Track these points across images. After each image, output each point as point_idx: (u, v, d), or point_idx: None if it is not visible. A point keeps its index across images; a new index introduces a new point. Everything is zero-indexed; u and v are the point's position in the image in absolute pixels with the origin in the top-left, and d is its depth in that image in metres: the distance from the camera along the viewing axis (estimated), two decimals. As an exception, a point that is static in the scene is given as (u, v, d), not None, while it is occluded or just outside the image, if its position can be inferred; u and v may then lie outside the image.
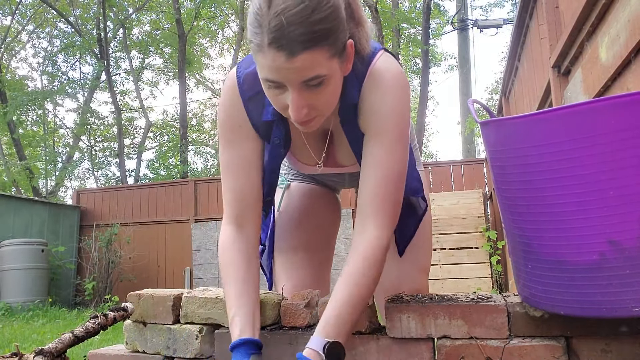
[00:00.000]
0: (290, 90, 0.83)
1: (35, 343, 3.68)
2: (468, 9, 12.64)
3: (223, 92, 1.04)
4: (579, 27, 1.78)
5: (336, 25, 0.82)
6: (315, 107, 0.87)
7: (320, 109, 0.88)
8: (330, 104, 0.90)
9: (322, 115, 0.91)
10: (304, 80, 0.82)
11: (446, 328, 0.92)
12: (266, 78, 0.84)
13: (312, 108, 0.86)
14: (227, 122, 1.03)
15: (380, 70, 0.96)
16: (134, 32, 15.15)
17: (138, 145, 15.36)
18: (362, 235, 0.94)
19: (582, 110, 0.69)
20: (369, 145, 0.96)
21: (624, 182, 0.68)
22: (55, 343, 0.94)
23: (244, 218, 1.04)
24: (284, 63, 0.79)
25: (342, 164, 1.15)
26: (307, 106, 0.85)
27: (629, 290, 0.71)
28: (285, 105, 0.86)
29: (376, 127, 0.95)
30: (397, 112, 0.95)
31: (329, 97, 0.88)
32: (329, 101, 0.89)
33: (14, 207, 6.93)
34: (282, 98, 0.86)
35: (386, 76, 0.95)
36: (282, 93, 0.85)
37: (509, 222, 0.86)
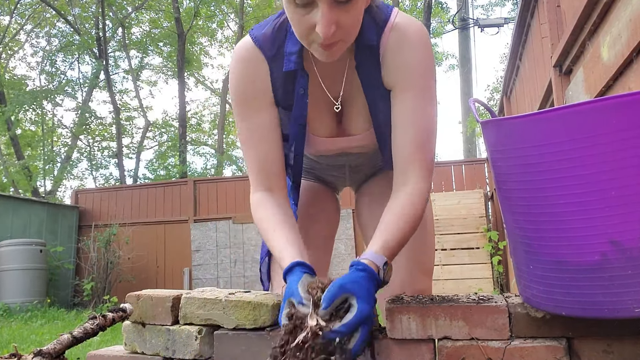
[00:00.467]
0: (320, 6, 0.83)
1: (33, 344, 3.67)
2: (469, 8, 12.65)
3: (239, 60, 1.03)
4: (581, 26, 1.78)
5: None
6: (342, 27, 0.87)
7: (346, 30, 0.88)
8: (355, 27, 0.91)
9: (345, 41, 0.91)
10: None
11: (447, 329, 0.92)
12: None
13: (339, 27, 0.86)
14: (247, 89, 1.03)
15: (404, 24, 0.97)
16: (133, 31, 15.16)
17: (137, 145, 15.36)
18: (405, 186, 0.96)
19: (583, 110, 0.69)
20: (401, 99, 0.97)
21: (625, 182, 0.68)
22: (53, 344, 0.93)
23: (272, 185, 1.05)
24: None
25: (353, 132, 1.14)
26: (336, 24, 0.85)
27: (630, 290, 0.70)
28: (312, 25, 0.86)
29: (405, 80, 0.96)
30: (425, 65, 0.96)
31: (356, 17, 0.89)
32: (355, 22, 0.90)
33: (13, 207, 6.93)
34: (309, 18, 0.86)
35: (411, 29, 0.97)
36: (309, 12, 0.85)
37: (510, 222, 0.85)
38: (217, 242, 6.95)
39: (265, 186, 1.05)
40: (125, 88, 16.40)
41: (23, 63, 22.19)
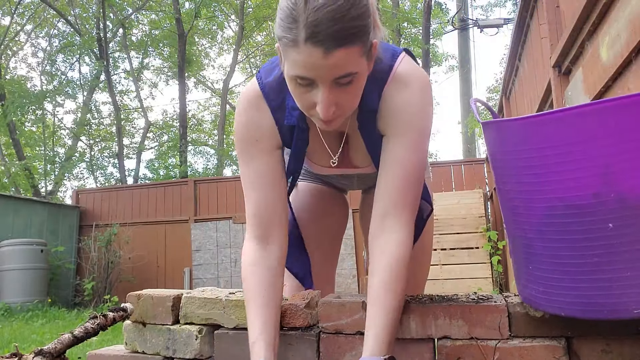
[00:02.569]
0: (320, 88, 0.84)
1: (34, 343, 3.67)
2: (468, 9, 12.64)
3: (246, 104, 1.03)
4: (580, 26, 1.78)
5: (369, 23, 0.83)
6: (342, 105, 0.87)
7: (346, 107, 0.89)
8: (355, 102, 0.91)
9: (344, 115, 0.91)
10: (336, 78, 0.82)
11: (446, 328, 0.92)
12: (298, 75, 0.83)
13: (339, 106, 0.87)
14: (252, 133, 1.02)
15: (406, 72, 0.97)
16: (134, 32, 15.16)
17: (137, 145, 15.36)
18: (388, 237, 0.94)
19: (583, 112, 0.69)
20: (391, 144, 0.97)
21: (625, 183, 0.68)
22: (54, 343, 0.93)
23: (269, 234, 1.02)
24: (320, 59, 0.79)
25: (356, 165, 1.15)
26: (336, 104, 0.86)
27: (629, 292, 0.70)
28: (312, 103, 0.87)
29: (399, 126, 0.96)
30: (422, 112, 0.96)
31: (355, 95, 0.89)
32: (354, 100, 0.90)
33: (13, 207, 6.93)
34: (309, 96, 0.86)
35: (411, 78, 0.96)
36: (310, 91, 0.85)
37: (510, 222, 0.85)
38: (217, 242, 6.95)
39: (261, 236, 1.02)
40: (126, 89, 16.36)
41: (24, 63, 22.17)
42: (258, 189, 1.02)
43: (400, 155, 0.96)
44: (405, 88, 0.96)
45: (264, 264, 1.00)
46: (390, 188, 0.95)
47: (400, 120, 0.96)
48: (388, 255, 0.92)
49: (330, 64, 0.80)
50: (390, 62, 0.97)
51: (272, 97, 1.00)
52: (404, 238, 0.93)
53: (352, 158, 1.13)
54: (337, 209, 1.40)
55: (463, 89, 12.48)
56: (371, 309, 0.89)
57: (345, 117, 0.92)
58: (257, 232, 1.02)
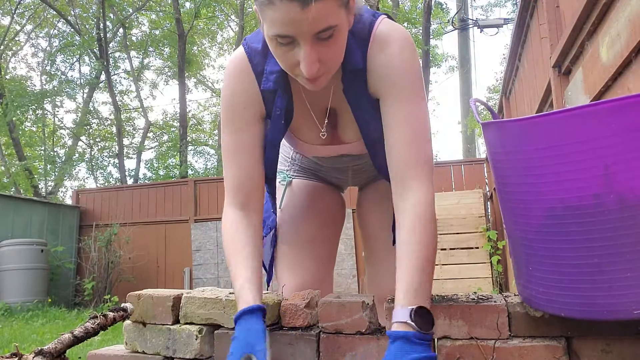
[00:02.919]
0: (302, 45, 0.82)
1: (34, 343, 3.67)
2: (468, 9, 12.64)
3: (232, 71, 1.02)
4: (580, 26, 1.78)
5: None
6: (326, 61, 0.86)
7: (330, 63, 0.88)
8: (339, 58, 0.90)
9: (330, 72, 0.90)
10: (316, 32, 0.81)
11: (446, 328, 0.92)
12: (277, 34, 0.82)
13: (322, 62, 0.86)
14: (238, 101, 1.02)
15: (387, 31, 0.96)
16: (134, 32, 15.15)
17: (137, 145, 15.36)
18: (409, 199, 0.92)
19: (583, 112, 0.69)
20: (390, 105, 0.96)
21: (625, 184, 0.68)
22: (54, 343, 0.93)
23: (248, 204, 1.04)
24: (298, 14, 0.77)
25: (345, 141, 1.14)
26: (319, 60, 0.84)
27: (629, 292, 0.70)
28: (295, 62, 0.85)
29: (394, 85, 0.95)
30: (411, 67, 0.95)
31: (338, 50, 0.87)
32: (338, 55, 0.89)
33: (14, 207, 6.93)
34: (291, 55, 0.85)
35: (394, 35, 0.96)
36: (291, 49, 0.84)
37: (510, 223, 0.85)
38: (217, 242, 6.95)
39: (242, 204, 1.03)
40: (126, 89, 16.37)
41: (23, 64, 22.17)
42: (240, 158, 1.03)
43: (402, 113, 0.95)
44: (388, 46, 0.95)
45: (247, 223, 1.01)
46: (400, 148, 0.94)
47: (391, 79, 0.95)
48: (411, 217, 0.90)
49: (308, 18, 0.78)
50: (370, 21, 0.96)
51: (256, 61, 0.99)
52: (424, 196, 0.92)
53: (341, 133, 1.12)
54: (333, 206, 1.39)
55: (463, 89, 12.49)
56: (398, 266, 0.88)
57: (331, 74, 0.91)
58: (237, 199, 1.03)
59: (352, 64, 0.95)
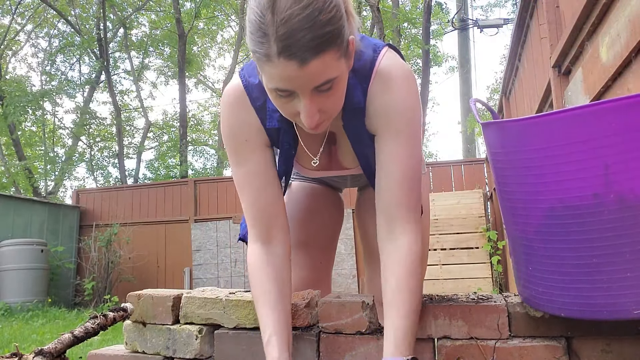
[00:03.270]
0: (301, 98, 0.82)
1: (34, 343, 3.67)
2: (468, 9, 12.64)
3: (230, 103, 1.00)
4: (580, 26, 1.78)
5: (341, 24, 0.80)
6: (326, 110, 0.86)
7: (330, 112, 0.87)
8: (339, 105, 0.89)
9: (330, 118, 0.89)
10: (315, 87, 0.80)
11: (446, 328, 0.92)
12: (276, 88, 0.81)
13: (322, 112, 0.85)
14: (239, 133, 1.00)
15: (388, 68, 0.94)
16: (134, 32, 15.16)
17: (137, 145, 15.36)
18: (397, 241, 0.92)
19: (583, 112, 0.69)
20: (384, 144, 0.95)
21: (625, 184, 0.68)
22: (54, 343, 0.94)
23: (270, 234, 1.01)
24: (296, 71, 0.76)
25: (345, 167, 1.14)
26: (319, 111, 0.84)
27: (629, 292, 0.70)
28: (296, 112, 0.85)
29: (390, 126, 0.94)
30: (410, 108, 0.94)
31: (338, 99, 0.87)
32: (338, 103, 0.88)
33: (14, 207, 6.93)
34: (291, 106, 0.84)
35: (394, 74, 0.94)
36: (291, 101, 0.84)
37: (510, 223, 0.85)
38: (217, 242, 6.95)
39: (263, 236, 1.00)
40: (126, 89, 16.38)
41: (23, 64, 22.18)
42: (254, 189, 1.01)
43: (396, 154, 0.94)
44: (390, 85, 0.93)
45: (270, 262, 0.98)
46: (391, 190, 0.94)
47: (390, 119, 0.94)
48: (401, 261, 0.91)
49: (307, 75, 0.77)
50: (372, 57, 0.95)
51: (254, 95, 0.98)
52: (413, 240, 0.92)
53: (341, 159, 1.12)
54: (332, 207, 1.39)
55: (463, 89, 12.49)
56: (388, 312, 0.88)
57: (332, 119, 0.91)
58: (258, 231, 1.01)
59: (352, 103, 0.94)
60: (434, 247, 5.81)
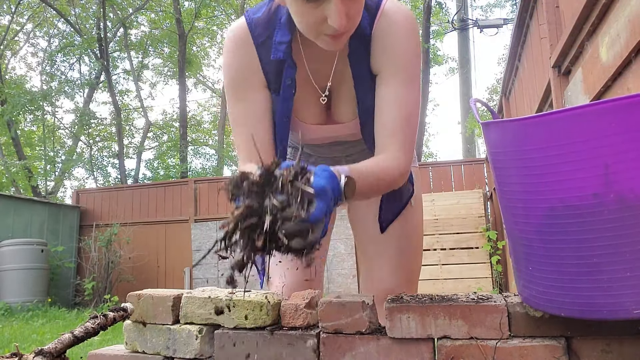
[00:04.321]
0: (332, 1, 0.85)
1: (34, 343, 3.67)
2: (468, 9, 12.64)
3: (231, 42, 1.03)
4: (580, 26, 1.78)
5: None
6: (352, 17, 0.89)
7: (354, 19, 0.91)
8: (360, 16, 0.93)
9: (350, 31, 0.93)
10: None
11: (446, 328, 0.92)
12: None
13: (349, 18, 0.89)
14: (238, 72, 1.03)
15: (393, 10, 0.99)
16: (134, 32, 15.16)
17: (137, 145, 15.37)
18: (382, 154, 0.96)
19: (583, 112, 0.69)
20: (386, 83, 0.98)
21: (625, 185, 0.68)
22: (54, 343, 0.93)
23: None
24: None
25: (339, 120, 1.14)
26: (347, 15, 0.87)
27: (629, 292, 0.70)
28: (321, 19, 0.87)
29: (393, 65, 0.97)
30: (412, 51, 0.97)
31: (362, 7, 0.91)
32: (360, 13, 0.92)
33: (14, 207, 6.93)
34: (319, 11, 0.87)
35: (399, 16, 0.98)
36: (319, 6, 0.86)
37: (510, 223, 0.85)
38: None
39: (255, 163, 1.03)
40: (126, 89, 16.36)
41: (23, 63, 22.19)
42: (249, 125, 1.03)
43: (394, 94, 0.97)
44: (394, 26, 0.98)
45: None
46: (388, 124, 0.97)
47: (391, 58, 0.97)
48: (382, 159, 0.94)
49: None
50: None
51: (258, 32, 1.01)
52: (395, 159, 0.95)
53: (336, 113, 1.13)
54: None
55: (463, 89, 12.49)
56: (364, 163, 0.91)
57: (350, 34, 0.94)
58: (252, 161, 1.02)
59: (361, 29, 0.97)
60: (434, 247, 5.82)
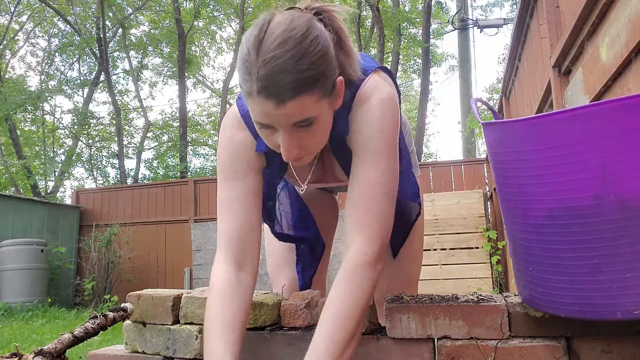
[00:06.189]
0: (281, 133, 0.84)
1: (34, 343, 3.67)
2: (468, 9, 12.64)
3: (230, 127, 1.02)
4: (580, 26, 1.78)
5: (324, 67, 0.82)
6: (306, 146, 0.88)
7: (311, 147, 0.89)
8: (321, 141, 0.91)
9: (313, 153, 0.92)
10: (293, 123, 0.83)
11: (446, 328, 0.92)
12: (257, 121, 0.85)
13: (302, 148, 0.87)
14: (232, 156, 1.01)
15: (367, 89, 0.95)
16: (133, 32, 15.15)
17: (137, 144, 15.36)
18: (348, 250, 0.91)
19: (584, 113, 0.69)
20: (355, 163, 0.95)
21: (625, 185, 0.68)
22: (54, 343, 0.94)
23: (244, 259, 0.97)
24: (273, 110, 0.80)
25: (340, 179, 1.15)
26: (298, 147, 0.86)
27: (629, 292, 0.70)
28: (278, 144, 0.87)
29: (360, 145, 0.94)
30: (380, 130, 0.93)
31: (319, 136, 0.89)
32: (320, 139, 0.90)
33: (14, 207, 6.93)
34: (274, 138, 0.87)
35: (370, 96, 0.94)
36: (273, 133, 0.86)
37: (510, 223, 0.85)
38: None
39: (236, 260, 0.96)
40: (126, 89, 16.36)
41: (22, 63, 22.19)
42: (238, 212, 0.99)
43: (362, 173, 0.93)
44: (362, 106, 0.94)
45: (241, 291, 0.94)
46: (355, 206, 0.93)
47: (359, 137, 0.94)
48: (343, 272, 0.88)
49: (284, 114, 0.80)
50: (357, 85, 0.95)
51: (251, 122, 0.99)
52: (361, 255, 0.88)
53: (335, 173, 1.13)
54: (326, 209, 1.41)
55: (463, 89, 12.48)
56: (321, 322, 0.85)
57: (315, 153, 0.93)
58: (232, 253, 0.97)
59: (338, 132, 0.95)
60: (434, 247, 5.82)
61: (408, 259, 1.27)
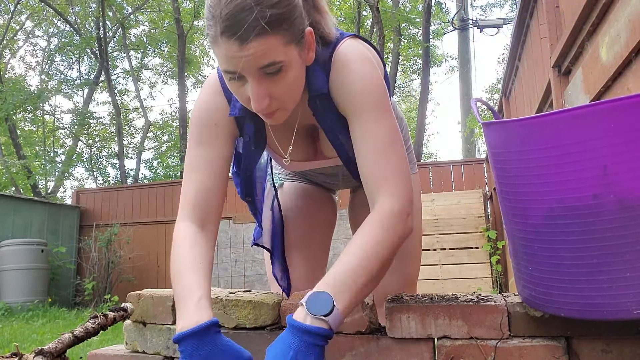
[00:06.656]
0: (248, 80, 0.83)
1: (35, 343, 3.67)
2: (468, 9, 12.64)
3: (204, 90, 1.03)
4: (580, 26, 1.78)
5: (290, 10, 0.81)
6: (277, 97, 0.86)
7: (282, 99, 0.87)
8: (292, 93, 0.89)
9: (285, 108, 0.90)
10: (260, 67, 0.81)
11: (446, 328, 0.92)
12: (225, 69, 0.84)
13: (273, 98, 0.86)
14: (204, 119, 1.02)
15: (345, 52, 0.95)
16: (133, 31, 15.15)
17: (137, 144, 15.36)
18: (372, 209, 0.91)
19: (584, 113, 0.69)
20: (354, 125, 0.95)
21: (625, 185, 0.68)
22: (55, 343, 0.94)
23: (207, 220, 1.00)
24: (238, 51, 0.79)
25: (327, 156, 1.14)
26: (268, 95, 0.85)
27: (629, 292, 0.70)
28: (248, 97, 0.86)
29: (354, 106, 0.94)
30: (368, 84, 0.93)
31: (289, 86, 0.87)
32: (291, 91, 0.88)
33: (14, 207, 6.93)
34: (243, 90, 0.86)
35: (351, 56, 0.94)
36: (243, 85, 0.85)
37: (510, 223, 0.85)
38: (217, 242, 6.93)
39: (199, 219, 0.99)
40: (125, 89, 16.37)
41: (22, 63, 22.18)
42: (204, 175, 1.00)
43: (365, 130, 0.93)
44: (343, 67, 0.94)
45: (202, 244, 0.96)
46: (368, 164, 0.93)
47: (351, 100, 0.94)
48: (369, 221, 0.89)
49: (249, 55, 0.79)
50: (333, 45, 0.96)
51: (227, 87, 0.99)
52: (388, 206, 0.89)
53: (323, 149, 1.12)
54: (324, 208, 1.40)
55: (463, 89, 12.49)
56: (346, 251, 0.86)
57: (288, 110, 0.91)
58: (195, 214, 0.99)
59: (315, 90, 0.94)
60: (434, 247, 5.82)
61: (406, 259, 1.26)
